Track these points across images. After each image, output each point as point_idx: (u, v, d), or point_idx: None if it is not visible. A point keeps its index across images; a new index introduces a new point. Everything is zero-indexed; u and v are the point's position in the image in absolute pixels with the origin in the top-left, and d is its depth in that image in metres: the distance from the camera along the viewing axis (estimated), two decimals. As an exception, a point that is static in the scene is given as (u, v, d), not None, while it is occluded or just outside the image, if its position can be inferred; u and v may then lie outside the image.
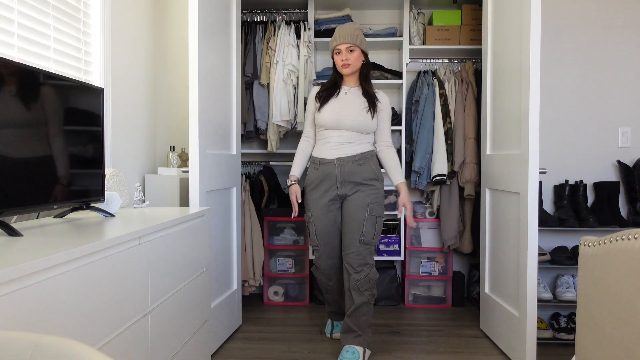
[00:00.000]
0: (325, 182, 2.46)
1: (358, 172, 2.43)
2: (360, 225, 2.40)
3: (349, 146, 2.45)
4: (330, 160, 2.45)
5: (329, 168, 2.45)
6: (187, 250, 1.97)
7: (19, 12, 1.84)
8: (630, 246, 1.16)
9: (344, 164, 2.43)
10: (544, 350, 2.60)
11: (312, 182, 2.51)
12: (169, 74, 3.19)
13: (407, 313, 3.21)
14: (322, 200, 2.47)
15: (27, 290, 1.02)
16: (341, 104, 2.47)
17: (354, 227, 2.41)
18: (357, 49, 2.44)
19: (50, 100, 1.59)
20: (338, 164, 2.43)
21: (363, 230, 2.40)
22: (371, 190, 2.43)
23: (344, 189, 2.45)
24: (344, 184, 2.44)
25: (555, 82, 3.23)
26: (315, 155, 2.53)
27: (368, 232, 2.40)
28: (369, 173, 2.44)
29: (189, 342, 1.98)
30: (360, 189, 2.43)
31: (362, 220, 2.40)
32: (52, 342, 0.71)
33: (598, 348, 1.28)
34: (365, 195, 2.42)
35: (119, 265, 1.40)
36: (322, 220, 2.47)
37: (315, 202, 2.48)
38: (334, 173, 2.44)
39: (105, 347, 1.32)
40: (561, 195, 3.08)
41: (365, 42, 2.49)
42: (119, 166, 2.55)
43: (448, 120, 3.21)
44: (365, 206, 2.41)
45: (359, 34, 2.46)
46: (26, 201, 1.49)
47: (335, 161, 2.44)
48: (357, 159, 2.44)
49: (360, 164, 2.44)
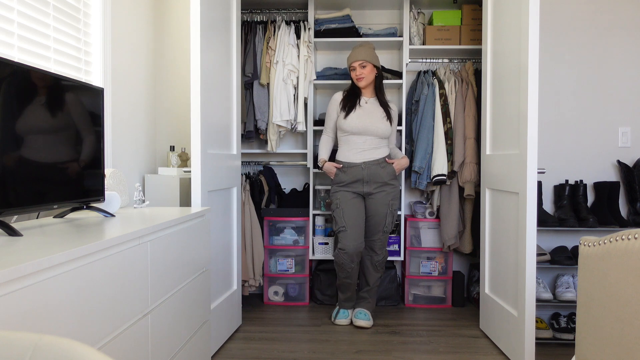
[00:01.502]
0: (353, 183, 2.89)
1: (381, 174, 2.88)
2: (383, 218, 2.90)
3: (371, 151, 2.88)
4: (357, 164, 2.88)
5: (356, 170, 2.88)
6: (187, 250, 1.97)
7: (19, 12, 1.84)
8: (630, 246, 1.16)
9: (369, 167, 2.87)
10: (543, 350, 2.60)
11: (342, 182, 2.91)
12: (169, 73, 3.19)
13: (407, 313, 3.21)
14: (349, 193, 2.90)
15: (27, 290, 1.02)
16: (364, 112, 2.89)
17: (379, 220, 2.91)
18: (368, 64, 2.87)
19: (50, 100, 1.59)
20: (365, 167, 2.87)
21: (386, 222, 2.91)
22: (391, 189, 2.91)
23: (369, 188, 2.89)
24: (369, 184, 2.88)
25: (556, 82, 3.23)
26: (342, 160, 2.92)
27: (389, 224, 2.93)
28: (390, 174, 2.91)
29: (189, 342, 1.98)
30: (383, 188, 2.89)
31: (385, 214, 2.90)
32: (52, 342, 0.71)
33: (598, 348, 1.28)
34: (386, 194, 2.90)
35: (119, 265, 1.40)
36: (349, 206, 2.88)
37: (342, 193, 2.91)
38: (361, 174, 2.87)
39: (105, 347, 1.32)
40: (561, 195, 3.08)
41: (377, 58, 2.92)
42: (119, 166, 2.55)
43: (448, 120, 3.21)
44: (387, 203, 2.89)
45: (370, 52, 2.89)
46: (26, 201, 1.49)
47: (362, 164, 2.88)
48: (380, 162, 2.89)
49: (383, 166, 2.90)
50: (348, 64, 2.93)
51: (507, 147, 2.53)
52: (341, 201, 2.88)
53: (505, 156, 2.54)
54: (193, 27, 2.33)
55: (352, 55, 2.91)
